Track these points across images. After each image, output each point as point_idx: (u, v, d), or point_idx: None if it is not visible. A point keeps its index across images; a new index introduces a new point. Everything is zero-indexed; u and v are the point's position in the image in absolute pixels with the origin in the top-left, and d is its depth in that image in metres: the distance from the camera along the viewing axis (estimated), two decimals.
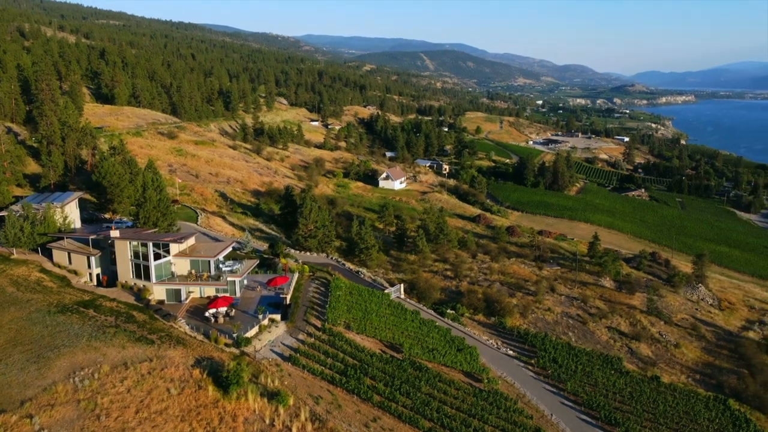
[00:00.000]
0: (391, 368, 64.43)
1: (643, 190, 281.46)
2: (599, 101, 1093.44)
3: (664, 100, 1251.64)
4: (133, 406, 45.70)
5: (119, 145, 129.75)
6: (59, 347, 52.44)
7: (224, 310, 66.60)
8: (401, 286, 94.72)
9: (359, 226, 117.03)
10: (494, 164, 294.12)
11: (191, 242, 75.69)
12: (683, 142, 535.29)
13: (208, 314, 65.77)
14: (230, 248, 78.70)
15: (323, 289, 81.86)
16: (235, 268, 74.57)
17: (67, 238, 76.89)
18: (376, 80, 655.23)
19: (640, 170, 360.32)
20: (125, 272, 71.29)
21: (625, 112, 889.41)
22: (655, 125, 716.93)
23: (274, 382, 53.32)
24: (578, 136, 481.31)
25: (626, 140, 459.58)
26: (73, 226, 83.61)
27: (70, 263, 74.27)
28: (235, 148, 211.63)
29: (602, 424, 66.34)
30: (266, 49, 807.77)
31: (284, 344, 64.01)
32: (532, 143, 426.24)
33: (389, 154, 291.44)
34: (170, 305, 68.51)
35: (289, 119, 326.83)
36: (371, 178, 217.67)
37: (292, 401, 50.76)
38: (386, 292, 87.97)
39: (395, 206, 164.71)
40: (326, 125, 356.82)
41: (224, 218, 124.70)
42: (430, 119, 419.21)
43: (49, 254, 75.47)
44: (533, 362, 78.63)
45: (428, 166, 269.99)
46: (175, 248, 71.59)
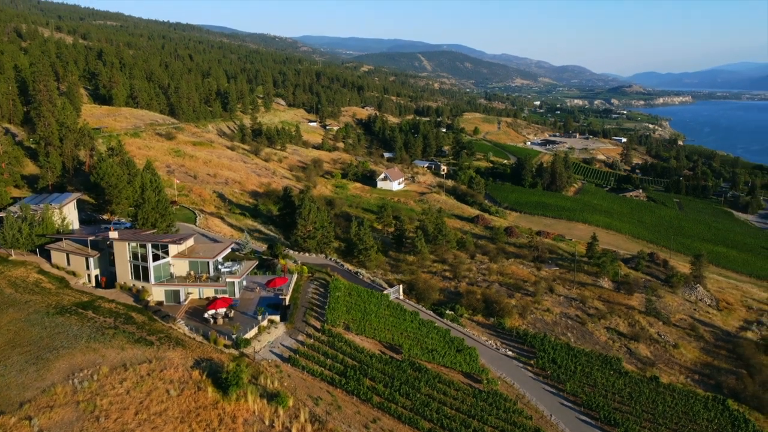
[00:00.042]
0: (390, 369, 64.38)
1: (640, 190, 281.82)
2: (597, 102, 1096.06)
3: (661, 100, 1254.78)
4: (132, 407, 45.56)
5: (117, 146, 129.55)
6: (58, 349, 52.27)
7: (223, 311, 66.50)
8: (400, 287, 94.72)
9: (358, 226, 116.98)
10: (492, 165, 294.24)
11: (190, 243, 75.56)
12: (680, 142, 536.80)
13: (207, 315, 65.67)
14: (229, 249, 78.59)
15: (322, 290, 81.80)
16: (234, 269, 74.47)
17: (65, 239, 76.72)
18: (373, 81, 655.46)
19: (637, 171, 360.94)
20: (124, 273, 71.14)
21: (622, 112, 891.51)
22: (652, 126, 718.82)
23: (273, 383, 53.24)
24: (576, 136, 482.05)
25: (624, 141, 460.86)
26: (71, 227, 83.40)
27: (68, 264, 74.08)
28: (233, 149, 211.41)
29: (602, 424, 66.34)
30: (264, 49, 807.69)
31: (283, 345, 63.94)
32: (529, 144, 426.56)
33: (387, 154, 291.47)
34: (169, 306, 68.41)
35: (287, 120, 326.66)
36: (369, 178, 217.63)
37: (291, 402, 50.68)
38: (385, 293, 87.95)
39: (394, 207, 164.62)
40: (324, 126, 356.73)
41: (223, 219, 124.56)
42: (428, 120, 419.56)
43: (47, 255, 75.27)
44: (532, 363, 78.64)
45: (426, 166, 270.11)
46: (174, 249, 71.46)
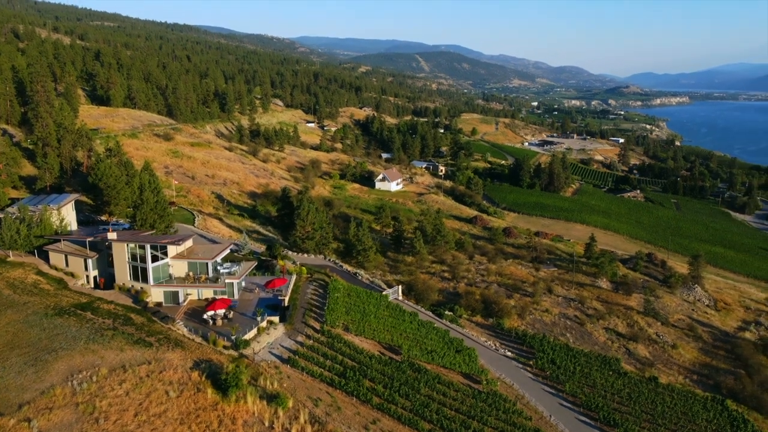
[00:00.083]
0: (390, 370, 64.34)
1: (638, 191, 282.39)
2: (594, 103, 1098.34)
3: (658, 101, 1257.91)
4: (132, 409, 45.46)
5: (115, 146, 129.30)
6: (57, 350, 52.10)
7: (222, 312, 66.33)
8: (399, 287, 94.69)
9: (357, 227, 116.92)
10: (490, 165, 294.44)
11: (189, 244, 75.41)
12: (678, 143, 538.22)
13: (206, 316, 65.50)
14: (228, 250, 78.51)
15: (321, 290, 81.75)
16: (233, 270, 74.34)
17: (63, 240, 76.50)
18: (371, 82, 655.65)
19: (635, 171, 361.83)
20: (123, 274, 70.96)
21: (619, 113, 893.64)
22: (649, 126, 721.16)
23: (273, 384, 53.18)
24: (573, 137, 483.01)
25: (621, 141, 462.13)
26: (69, 228, 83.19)
27: (66, 265, 73.87)
28: (231, 149, 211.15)
29: (601, 425, 66.39)
30: (261, 50, 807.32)
31: (283, 346, 63.84)
32: (527, 144, 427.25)
33: (385, 155, 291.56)
34: (168, 307, 68.23)
35: (285, 121, 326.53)
36: (367, 179, 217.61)
37: (291, 403, 50.66)
38: (384, 293, 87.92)
39: (392, 208, 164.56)
40: (322, 127, 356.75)
41: (221, 220, 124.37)
42: (425, 121, 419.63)
43: (45, 256, 75.02)
44: (531, 363, 78.67)
45: (424, 167, 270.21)
46: (172, 250, 71.31)
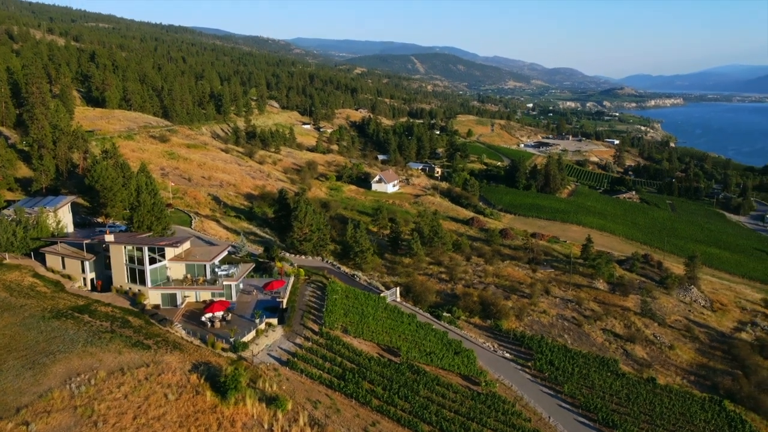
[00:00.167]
0: (389, 372, 64.24)
1: (633, 192, 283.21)
2: (589, 104, 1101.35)
3: (653, 103, 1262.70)
4: (130, 412, 45.22)
5: (111, 148, 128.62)
6: (55, 353, 51.78)
7: (220, 314, 66.12)
8: (397, 289, 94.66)
9: (354, 229, 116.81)
10: (486, 167, 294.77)
11: (186, 246, 75.17)
12: (672, 144, 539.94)
13: (204, 319, 65.27)
14: (225, 252, 78.27)
15: (319, 292, 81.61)
16: (231, 272, 74.13)
17: (60, 242, 76.06)
18: (367, 83, 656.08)
19: (630, 173, 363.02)
20: (120, 277, 70.62)
21: (614, 114, 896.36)
22: (644, 128, 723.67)
23: (272, 386, 53.01)
24: (569, 138, 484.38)
25: (616, 143, 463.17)
26: (66, 230, 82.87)
27: (63, 268, 73.47)
28: (227, 151, 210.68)
29: (600, 426, 66.51)
30: (257, 52, 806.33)
31: (282, 348, 63.65)
32: (523, 146, 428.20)
33: (381, 157, 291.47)
34: (166, 310, 67.92)
35: (280, 122, 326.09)
36: (364, 181, 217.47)
37: (290, 406, 50.51)
38: (382, 295, 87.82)
39: (389, 209, 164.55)
40: (318, 128, 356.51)
41: (218, 222, 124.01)
42: (421, 122, 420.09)
43: (42, 259, 74.59)
44: (530, 365, 78.75)
45: (421, 169, 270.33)
46: (170, 252, 71.05)
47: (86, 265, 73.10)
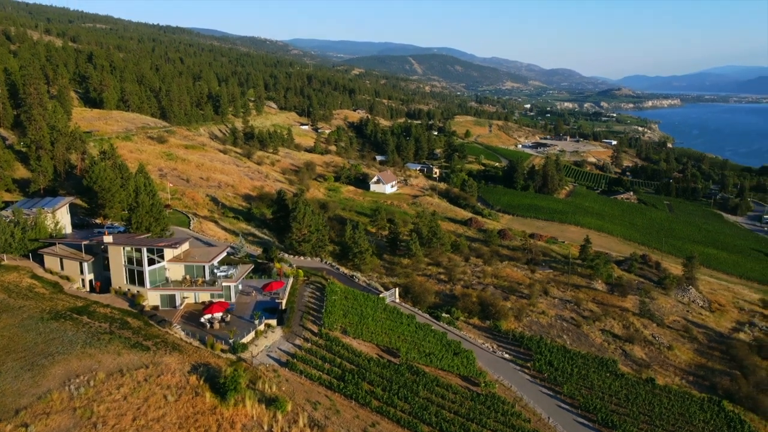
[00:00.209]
0: (388, 373, 64.20)
1: (631, 193, 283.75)
2: (586, 105, 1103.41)
3: (650, 103, 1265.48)
4: (129, 413, 45.06)
5: (109, 149, 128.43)
6: (53, 354, 51.60)
7: (220, 315, 66.02)
8: (396, 290, 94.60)
9: (353, 230, 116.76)
10: (484, 168, 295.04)
11: (185, 247, 75.03)
12: (670, 145, 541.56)
13: (203, 320, 65.15)
14: (224, 253, 78.16)
15: (318, 293, 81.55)
16: (230, 273, 74.03)
17: (58, 243, 75.91)
18: (365, 84, 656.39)
19: (628, 173, 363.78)
20: (119, 278, 70.46)
21: (612, 115, 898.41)
22: (642, 128, 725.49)
23: (271, 387, 52.90)
24: (566, 139, 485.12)
25: (614, 144, 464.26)
26: (64, 231, 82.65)
27: (62, 269, 73.24)
28: (225, 152, 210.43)
29: (599, 426, 66.54)
30: (255, 52, 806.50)
31: (281, 349, 63.58)
32: (521, 147, 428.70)
33: (379, 157, 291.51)
34: (165, 311, 67.77)
35: (278, 123, 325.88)
36: (362, 182, 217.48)
37: (290, 407, 50.39)
38: (381, 296, 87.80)
39: (387, 210, 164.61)
40: (316, 129, 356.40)
41: (216, 223, 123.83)
42: (419, 123, 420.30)
43: (40, 260, 74.34)
44: (529, 365, 78.78)
45: (419, 169, 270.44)
46: (169, 253, 70.91)
47: (85, 266, 72.91)
